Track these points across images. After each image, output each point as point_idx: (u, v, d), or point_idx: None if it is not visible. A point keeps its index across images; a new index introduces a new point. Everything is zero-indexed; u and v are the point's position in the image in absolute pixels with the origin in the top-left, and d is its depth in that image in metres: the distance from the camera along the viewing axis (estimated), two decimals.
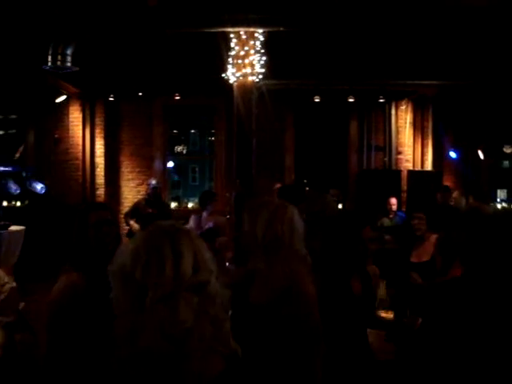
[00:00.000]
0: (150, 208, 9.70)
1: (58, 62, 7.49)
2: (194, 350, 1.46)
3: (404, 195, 12.32)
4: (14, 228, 8.95)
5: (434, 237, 5.62)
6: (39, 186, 9.55)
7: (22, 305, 7.98)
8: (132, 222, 9.60)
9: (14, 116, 13.17)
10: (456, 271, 3.21)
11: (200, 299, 1.50)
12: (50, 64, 7.53)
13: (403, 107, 12.74)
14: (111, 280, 1.57)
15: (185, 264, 1.51)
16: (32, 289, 8.53)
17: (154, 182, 10.17)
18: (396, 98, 12.54)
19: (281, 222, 2.65)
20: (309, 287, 2.69)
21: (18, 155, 9.43)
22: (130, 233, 9.63)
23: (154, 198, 9.94)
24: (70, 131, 12.51)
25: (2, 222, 8.89)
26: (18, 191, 8.78)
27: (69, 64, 7.56)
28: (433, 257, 5.47)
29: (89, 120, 12.47)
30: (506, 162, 14.44)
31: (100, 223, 3.06)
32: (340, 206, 11.07)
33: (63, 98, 12.10)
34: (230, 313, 1.64)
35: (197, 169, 28.33)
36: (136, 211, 9.80)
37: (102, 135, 12.56)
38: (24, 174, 9.72)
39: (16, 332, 5.05)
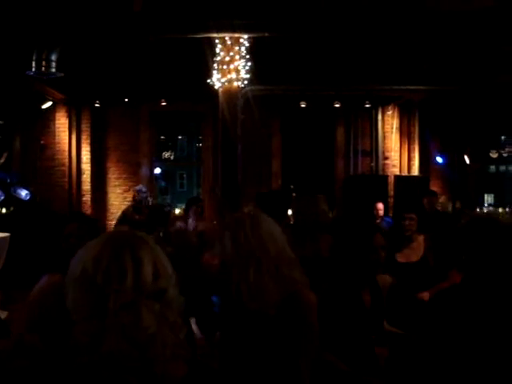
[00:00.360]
0: (138, 215, 9.63)
1: (43, 68, 7.44)
2: (158, 355, 1.48)
3: (391, 200, 12.34)
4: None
5: (421, 237, 5.61)
6: (24, 193, 9.48)
7: (5, 313, 7.93)
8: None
9: (0, 122, 13.11)
10: (456, 277, 3.18)
11: (160, 306, 1.51)
12: (34, 70, 7.49)
13: (389, 112, 12.78)
14: (68, 285, 1.54)
15: (145, 271, 1.51)
16: (16, 297, 8.45)
17: (144, 188, 10.14)
18: (382, 104, 12.57)
19: (245, 236, 2.60)
20: (310, 295, 2.63)
21: (2, 160, 9.36)
22: None
23: (144, 204, 9.86)
24: (57, 137, 12.46)
25: None
26: (2, 197, 8.72)
27: (53, 70, 7.51)
28: (423, 257, 5.46)
29: (75, 126, 12.42)
30: (493, 167, 14.53)
31: (69, 235, 3.22)
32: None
33: (49, 104, 12.04)
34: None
35: (184, 175, 28.32)
36: (124, 219, 9.74)
37: (89, 141, 12.51)
38: (8, 180, 9.65)
39: None
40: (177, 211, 12.39)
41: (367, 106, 12.18)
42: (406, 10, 7.86)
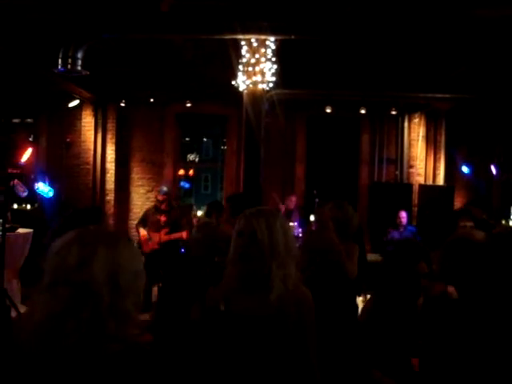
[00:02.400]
0: (159, 215, 9.64)
1: (68, 66, 7.48)
2: (68, 335, 1.61)
3: (415, 209, 12.21)
4: (21, 230, 8.94)
5: None
6: (47, 190, 9.54)
7: (25, 308, 7.99)
8: (141, 229, 9.58)
9: (30, 120, 13.27)
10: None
11: (75, 293, 1.63)
12: (59, 67, 7.53)
13: (416, 120, 12.66)
14: None
15: (67, 261, 1.66)
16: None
17: (165, 188, 10.12)
18: (409, 111, 12.45)
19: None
20: (305, 290, 2.66)
21: (26, 157, 9.42)
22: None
23: (167, 205, 9.80)
24: (82, 136, 12.54)
25: (10, 225, 8.87)
26: (26, 194, 8.78)
27: (79, 68, 7.55)
28: None
29: (101, 125, 12.48)
30: None
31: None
32: None
33: (76, 102, 12.13)
34: None
35: (209, 177, 28.39)
36: (145, 218, 9.76)
37: (114, 141, 12.57)
38: (32, 177, 9.74)
39: None
40: (199, 213, 12.38)
41: (393, 113, 12.05)
42: (435, 16, 7.75)
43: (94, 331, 1.62)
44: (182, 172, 14.35)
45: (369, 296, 6.74)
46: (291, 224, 10.71)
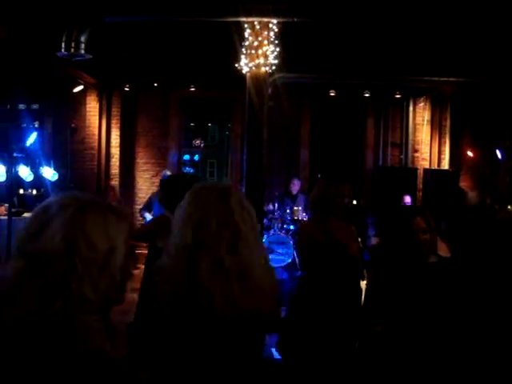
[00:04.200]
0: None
1: (72, 49, 7.47)
2: (12, 312, 1.37)
3: (420, 194, 12.19)
4: (26, 215, 8.99)
5: None
6: (51, 173, 9.59)
7: None
8: (147, 214, 9.63)
9: (35, 106, 13.28)
10: None
11: (27, 266, 1.40)
12: (63, 51, 7.52)
13: (421, 104, 12.60)
14: None
15: (27, 229, 1.45)
16: None
17: (168, 173, 10.13)
18: (414, 95, 12.40)
19: None
20: None
21: (30, 141, 9.47)
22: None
23: None
24: (87, 121, 12.56)
25: (15, 209, 8.93)
26: (31, 178, 8.85)
27: (82, 51, 7.53)
28: None
29: (105, 110, 12.50)
30: None
31: None
32: (354, 202, 11.02)
33: (81, 87, 12.14)
34: None
35: (215, 163, 28.29)
36: (150, 204, 9.81)
37: (118, 125, 12.59)
38: (38, 162, 9.79)
39: None
40: None
41: (398, 96, 12.01)
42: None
43: (39, 312, 1.35)
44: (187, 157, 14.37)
45: None
46: (295, 208, 10.73)
